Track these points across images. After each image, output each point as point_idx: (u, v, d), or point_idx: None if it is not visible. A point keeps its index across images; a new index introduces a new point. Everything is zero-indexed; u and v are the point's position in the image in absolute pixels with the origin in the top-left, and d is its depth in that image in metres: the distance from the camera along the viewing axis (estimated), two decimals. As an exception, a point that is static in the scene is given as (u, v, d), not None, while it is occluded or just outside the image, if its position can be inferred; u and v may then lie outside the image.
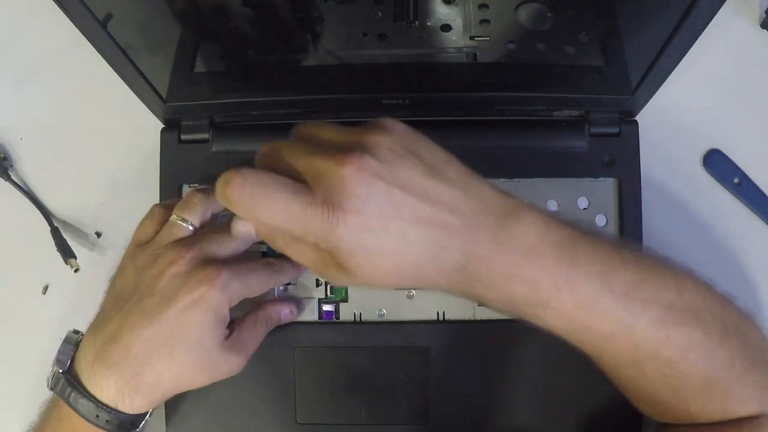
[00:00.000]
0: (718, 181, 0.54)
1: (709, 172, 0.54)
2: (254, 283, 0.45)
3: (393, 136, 0.39)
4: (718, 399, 0.41)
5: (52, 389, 0.44)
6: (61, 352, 0.44)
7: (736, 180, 0.54)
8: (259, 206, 0.38)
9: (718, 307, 0.42)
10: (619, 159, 0.51)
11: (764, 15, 0.55)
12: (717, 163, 0.54)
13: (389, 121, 0.40)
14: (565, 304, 0.39)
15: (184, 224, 0.45)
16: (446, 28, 0.45)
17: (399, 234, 0.38)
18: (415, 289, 0.51)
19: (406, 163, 0.39)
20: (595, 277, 0.39)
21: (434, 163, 0.40)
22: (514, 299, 0.39)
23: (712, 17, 0.40)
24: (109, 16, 0.41)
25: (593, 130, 0.52)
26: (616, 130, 0.52)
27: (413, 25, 0.44)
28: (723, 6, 0.38)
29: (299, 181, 0.39)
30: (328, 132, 0.41)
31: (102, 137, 0.56)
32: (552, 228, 0.40)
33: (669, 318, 0.40)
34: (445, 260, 0.38)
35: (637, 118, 0.52)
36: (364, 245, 0.37)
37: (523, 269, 0.39)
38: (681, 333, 0.40)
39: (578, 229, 0.41)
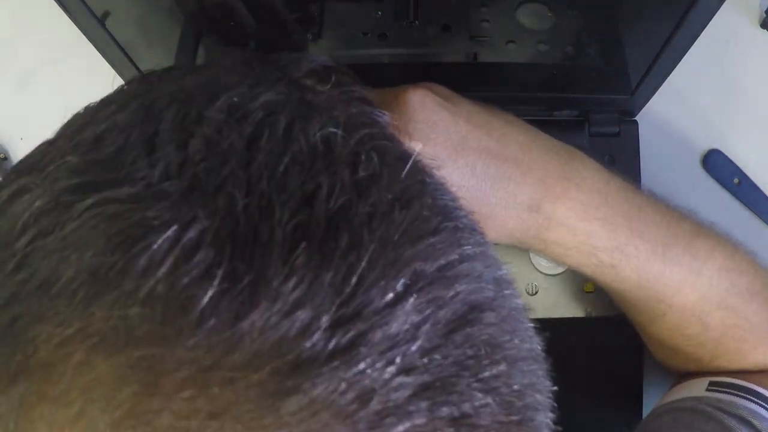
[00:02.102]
0: (718, 181, 0.54)
1: (709, 172, 0.54)
2: None
3: (443, 87, 0.39)
4: None
5: None
6: None
7: (736, 180, 0.54)
8: None
9: (761, 262, 0.43)
10: (619, 159, 0.51)
11: (764, 15, 0.55)
12: (717, 163, 0.54)
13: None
14: (639, 249, 0.39)
15: None
16: (446, 27, 0.45)
17: (466, 165, 0.36)
18: None
19: (466, 101, 0.38)
20: (661, 225, 0.39)
21: (491, 107, 0.39)
22: (592, 242, 0.39)
23: (712, 17, 0.40)
24: (108, 15, 0.41)
25: (593, 130, 0.51)
26: (616, 130, 0.52)
27: (413, 24, 0.44)
28: (723, 6, 0.38)
29: None
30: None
31: (102, 137, 0.56)
32: (614, 175, 0.40)
33: (731, 266, 0.40)
34: (518, 198, 0.37)
35: (637, 118, 0.52)
36: None
37: (599, 208, 0.38)
38: (744, 281, 0.40)
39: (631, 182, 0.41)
